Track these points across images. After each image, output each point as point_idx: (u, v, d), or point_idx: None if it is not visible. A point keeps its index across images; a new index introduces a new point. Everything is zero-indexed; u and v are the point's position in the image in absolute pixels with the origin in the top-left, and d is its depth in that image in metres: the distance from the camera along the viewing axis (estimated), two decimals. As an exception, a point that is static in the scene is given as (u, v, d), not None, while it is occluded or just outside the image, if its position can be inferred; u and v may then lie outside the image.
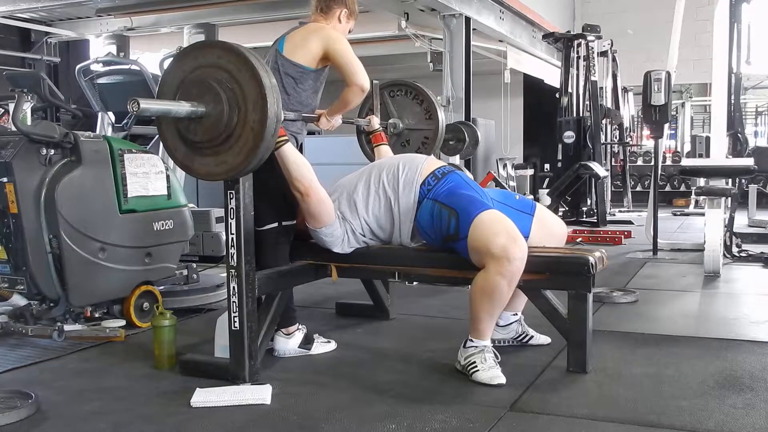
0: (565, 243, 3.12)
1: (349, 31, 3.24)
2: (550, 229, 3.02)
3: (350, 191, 2.95)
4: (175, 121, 2.53)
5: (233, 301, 2.63)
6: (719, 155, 5.27)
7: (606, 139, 9.48)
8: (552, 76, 10.23)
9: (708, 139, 6.80)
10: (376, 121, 3.59)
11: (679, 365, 2.87)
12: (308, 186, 2.79)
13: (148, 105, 2.34)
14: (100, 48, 8.88)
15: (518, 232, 2.67)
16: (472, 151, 5.99)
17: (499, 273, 2.58)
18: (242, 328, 2.63)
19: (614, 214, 9.64)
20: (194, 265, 4.20)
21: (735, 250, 5.70)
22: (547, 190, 7.87)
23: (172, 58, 2.69)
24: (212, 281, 4.19)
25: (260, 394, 2.50)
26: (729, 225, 5.63)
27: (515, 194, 3.23)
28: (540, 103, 11.08)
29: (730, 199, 5.34)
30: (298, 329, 3.10)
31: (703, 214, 5.45)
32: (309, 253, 3.08)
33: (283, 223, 2.99)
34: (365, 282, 3.65)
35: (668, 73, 5.97)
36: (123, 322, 3.48)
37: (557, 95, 8.82)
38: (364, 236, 2.97)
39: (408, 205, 2.88)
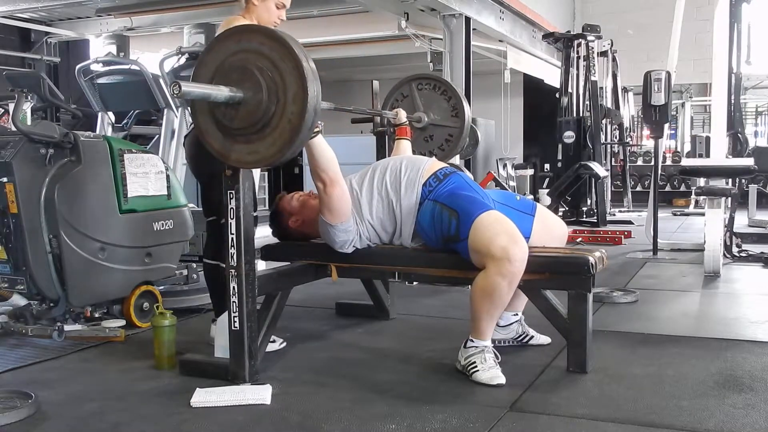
0: (565, 243, 3.13)
1: (280, 7, 3.05)
2: (551, 230, 3.02)
3: (354, 194, 2.94)
4: (211, 107, 2.47)
5: (233, 301, 2.62)
6: (719, 155, 5.26)
7: (606, 139, 9.47)
8: (552, 76, 10.23)
9: (708, 139, 6.79)
10: (403, 114, 3.55)
11: (679, 365, 2.87)
12: (333, 178, 2.77)
13: (189, 89, 2.30)
14: (100, 48, 8.90)
15: (519, 233, 2.67)
16: (472, 151, 6.01)
17: (499, 274, 2.58)
18: (242, 328, 2.63)
19: (614, 214, 9.63)
20: (194, 265, 4.19)
21: (735, 250, 5.69)
22: (547, 190, 7.86)
23: (213, 39, 2.59)
24: (212, 281, 4.17)
25: (260, 394, 2.50)
26: (729, 225, 5.63)
27: (516, 195, 3.23)
28: (540, 103, 11.07)
29: (730, 199, 5.34)
30: None
31: (703, 214, 5.45)
32: (309, 253, 3.09)
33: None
34: (365, 282, 3.65)
35: (668, 73, 5.96)
36: (123, 322, 3.48)
37: (557, 95, 8.82)
38: (369, 240, 2.97)
39: (410, 205, 2.88)
